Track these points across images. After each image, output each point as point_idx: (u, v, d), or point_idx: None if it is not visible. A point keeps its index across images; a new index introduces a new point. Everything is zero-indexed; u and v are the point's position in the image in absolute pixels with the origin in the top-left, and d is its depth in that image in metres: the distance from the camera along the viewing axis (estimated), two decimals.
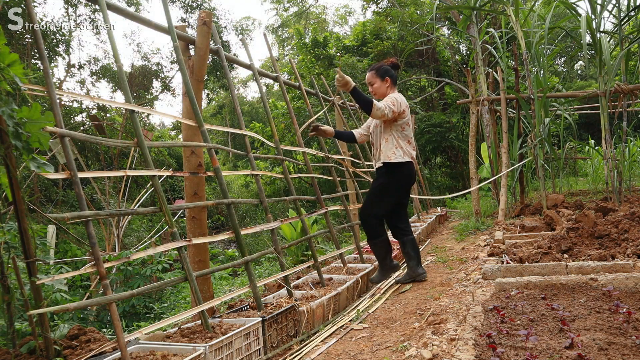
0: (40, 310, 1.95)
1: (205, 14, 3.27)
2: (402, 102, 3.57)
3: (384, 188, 3.62)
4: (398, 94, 3.62)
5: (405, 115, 3.60)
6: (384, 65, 3.69)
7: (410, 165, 3.63)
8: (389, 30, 14.17)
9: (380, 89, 3.66)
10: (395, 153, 3.57)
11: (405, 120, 3.61)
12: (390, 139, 3.61)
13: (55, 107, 2.03)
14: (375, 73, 3.67)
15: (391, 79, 3.67)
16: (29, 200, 8.53)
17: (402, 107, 3.57)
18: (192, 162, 3.23)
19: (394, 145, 3.58)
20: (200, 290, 2.86)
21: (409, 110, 3.69)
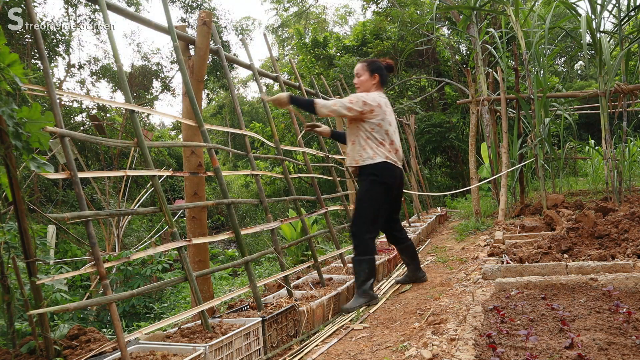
0: (40, 310, 1.95)
1: (205, 14, 3.27)
2: (369, 100, 3.29)
3: (365, 197, 3.34)
4: (374, 94, 3.38)
5: (375, 116, 3.30)
6: (378, 62, 3.53)
7: (386, 165, 3.32)
8: (389, 30, 14.17)
9: (365, 84, 3.46)
10: (363, 155, 3.31)
11: (375, 122, 3.31)
12: (357, 141, 3.36)
13: (55, 107, 2.03)
14: (366, 66, 3.49)
15: (380, 78, 3.47)
16: (29, 200, 8.53)
17: (369, 106, 3.27)
18: (192, 162, 3.23)
19: (361, 147, 3.33)
20: (200, 290, 2.86)
21: (389, 113, 3.41)
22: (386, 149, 3.33)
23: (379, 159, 3.29)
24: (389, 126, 3.38)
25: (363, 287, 3.29)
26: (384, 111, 3.35)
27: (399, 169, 3.44)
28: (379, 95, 3.39)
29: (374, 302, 3.31)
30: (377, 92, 3.43)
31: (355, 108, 3.25)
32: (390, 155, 3.34)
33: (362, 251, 3.30)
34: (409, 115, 10.31)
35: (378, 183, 3.30)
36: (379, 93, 3.42)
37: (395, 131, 3.46)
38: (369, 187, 3.32)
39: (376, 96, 3.35)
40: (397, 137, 3.47)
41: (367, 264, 3.29)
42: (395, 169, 3.38)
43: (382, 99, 3.39)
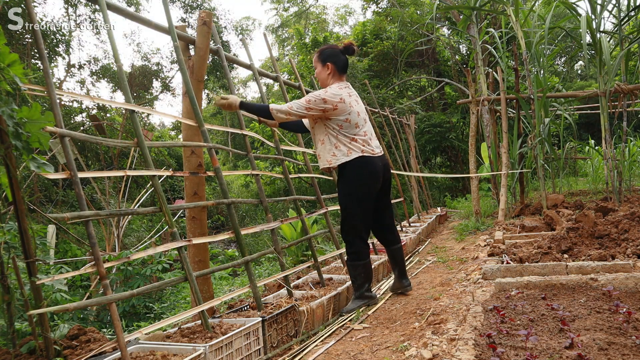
0: (40, 310, 1.95)
1: (205, 14, 3.27)
2: (329, 98, 2.98)
3: (346, 200, 3.13)
4: (333, 87, 3.07)
5: (341, 112, 3.02)
6: (330, 49, 3.17)
7: (364, 160, 3.06)
8: (389, 30, 14.18)
9: (320, 75, 3.18)
10: (336, 154, 3.06)
11: (342, 118, 3.03)
12: (326, 140, 3.10)
13: (55, 107, 2.03)
14: (318, 56, 3.18)
15: (334, 66, 3.12)
16: (29, 200, 8.53)
17: (330, 103, 2.98)
18: (192, 162, 3.23)
19: (332, 145, 3.07)
20: (200, 290, 2.86)
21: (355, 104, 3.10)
22: (360, 143, 3.07)
23: (354, 155, 3.04)
24: (357, 117, 3.08)
25: (360, 290, 3.23)
26: (348, 104, 3.04)
27: (380, 158, 3.15)
28: (339, 87, 3.08)
29: (372, 303, 3.26)
30: (337, 83, 3.12)
31: (315, 107, 2.99)
32: (365, 147, 3.08)
33: (355, 257, 3.18)
34: (409, 115, 10.31)
35: (357, 182, 3.07)
36: (338, 85, 3.11)
37: (367, 119, 3.18)
38: (347, 190, 3.11)
39: (335, 90, 3.04)
40: (369, 126, 3.20)
41: (363, 268, 3.19)
42: (374, 160, 3.10)
43: (343, 90, 3.07)
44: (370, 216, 3.21)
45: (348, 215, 3.14)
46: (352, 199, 3.11)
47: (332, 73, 3.14)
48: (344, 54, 3.18)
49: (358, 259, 3.18)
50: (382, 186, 3.23)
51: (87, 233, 2.03)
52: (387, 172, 3.26)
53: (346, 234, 3.19)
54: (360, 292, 3.22)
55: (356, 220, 3.14)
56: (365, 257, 3.20)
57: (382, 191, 3.27)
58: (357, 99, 3.18)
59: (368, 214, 3.18)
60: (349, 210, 3.13)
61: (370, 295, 3.28)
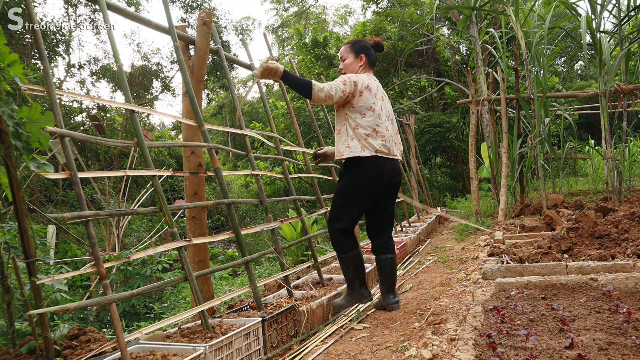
0: (40, 310, 1.95)
1: (205, 14, 3.27)
2: (360, 82, 2.93)
3: (342, 192, 2.98)
4: (363, 75, 3.01)
5: (365, 100, 2.93)
6: (364, 41, 3.13)
7: (375, 161, 2.91)
8: (389, 30, 14.18)
9: (351, 67, 3.08)
10: (350, 146, 2.91)
11: (366, 104, 2.92)
12: (343, 130, 2.97)
13: (55, 107, 2.03)
14: (350, 47, 3.10)
15: (367, 58, 3.08)
16: (29, 200, 8.53)
17: (359, 87, 2.91)
18: (192, 162, 3.23)
19: (349, 136, 2.93)
20: (200, 290, 2.86)
21: (381, 98, 3.03)
22: (378, 137, 2.93)
23: (367, 153, 2.89)
24: (380, 111, 2.98)
25: (352, 285, 3.06)
26: (373, 94, 2.97)
27: (391, 161, 2.99)
28: (369, 77, 3.03)
29: (365, 301, 3.08)
30: (366, 74, 3.06)
31: (347, 90, 2.88)
32: (381, 146, 2.93)
33: (339, 249, 3.01)
34: (409, 115, 10.32)
35: (360, 179, 2.92)
36: (368, 75, 3.05)
37: (390, 118, 3.08)
38: (347, 182, 2.96)
39: (365, 78, 2.98)
40: (392, 125, 3.09)
41: (350, 262, 3.01)
42: (385, 162, 2.95)
43: (372, 81, 3.02)
44: (360, 214, 3.05)
45: (335, 206, 3.00)
46: (346, 189, 2.96)
47: (364, 65, 3.07)
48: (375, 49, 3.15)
49: (343, 251, 3.00)
50: (388, 189, 3.06)
51: (87, 233, 2.03)
52: (397, 177, 3.08)
53: (329, 223, 3.04)
54: (352, 287, 3.06)
55: (343, 208, 2.97)
56: (349, 249, 3.00)
57: (388, 194, 3.09)
58: (385, 97, 3.11)
59: (359, 211, 3.02)
60: (339, 198, 2.99)
61: (362, 294, 3.06)
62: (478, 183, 6.97)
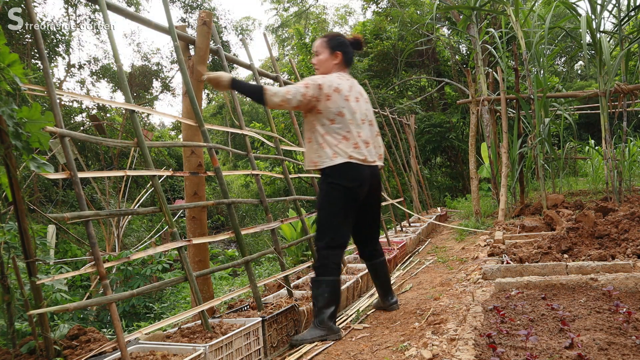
0: (40, 310, 1.95)
1: (205, 14, 3.27)
2: (326, 84, 2.67)
3: (324, 206, 2.76)
4: (332, 76, 2.77)
5: (333, 104, 2.68)
6: (342, 37, 2.89)
7: (350, 166, 2.70)
8: (389, 30, 14.18)
9: (324, 64, 2.85)
10: (321, 155, 2.70)
11: (334, 111, 2.68)
12: (314, 138, 2.75)
13: (55, 107, 2.03)
14: (326, 42, 2.86)
15: (343, 57, 2.85)
16: (29, 200, 8.53)
17: (325, 90, 2.66)
18: (192, 162, 3.23)
19: (319, 145, 2.71)
20: (200, 290, 2.86)
21: (354, 99, 2.79)
22: (350, 144, 2.71)
23: (339, 160, 2.68)
24: (352, 115, 2.74)
25: (320, 315, 2.66)
26: (344, 97, 2.72)
27: (369, 168, 2.80)
28: (339, 77, 2.79)
29: (332, 338, 2.63)
30: (338, 73, 2.84)
31: (310, 94, 2.64)
32: (354, 153, 2.71)
33: (320, 271, 2.71)
34: (409, 115, 10.32)
35: (338, 188, 2.71)
36: (339, 74, 2.82)
37: (367, 121, 2.85)
38: (326, 194, 2.76)
39: (334, 79, 2.74)
40: (369, 129, 2.86)
41: (328, 287, 2.69)
42: (362, 169, 2.75)
43: (343, 82, 2.77)
44: (348, 227, 2.83)
45: (321, 220, 2.78)
46: (327, 205, 2.75)
47: (339, 64, 2.85)
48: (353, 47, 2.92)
49: (323, 273, 2.70)
50: (369, 196, 2.88)
51: (87, 233, 2.03)
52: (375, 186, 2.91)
53: (318, 240, 2.79)
54: (320, 317, 2.66)
55: (329, 227, 2.75)
56: (332, 272, 2.70)
57: (369, 200, 2.90)
58: (360, 97, 2.86)
59: (346, 225, 2.79)
60: (321, 215, 2.78)
61: (332, 327, 2.66)
62: (478, 183, 6.97)
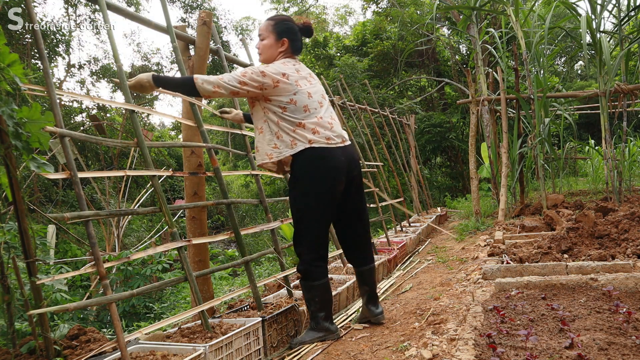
0: (40, 310, 1.95)
1: (205, 14, 3.27)
2: (270, 71, 2.41)
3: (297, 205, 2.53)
4: (278, 63, 2.50)
5: (283, 91, 2.43)
6: (290, 22, 2.59)
7: (314, 152, 2.43)
8: (389, 30, 14.18)
9: (268, 51, 2.56)
10: (278, 145, 2.44)
11: (285, 99, 2.44)
12: (265, 129, 2.48)
13: (55, 107, 2.03)
14: (273, 25, 2.56)
15: (290, 45, 2.56)
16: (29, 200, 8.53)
17: (272, 77, 2.40)
18: (192, 162, 3.23)
19: (274, 135, 2.45)
20: (200, 290, 2.86)
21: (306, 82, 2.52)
22: (308, 130, 2.44)
23: (300, 146, 2.43)
24: (307, 99, 2.48)
25: (316, 318, 2.61)
26: (294, 82, 2.46)
27: (339, 148, 2.51)
28: (284, 63, 2.51)
29: (330, 337, 2.59)
30: (283, 59, 2.56)
31: (251, 82, 2.38)
32: (315, 137, 2.44)
33: (306, 276, 2.56)
34: (409, 115, 10.32)
35: (310, 180, 2.46)
36: (284, 60, 2.54)
37: (324, 103, 2.58)
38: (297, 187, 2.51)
39: (279, 65, 2.48)
40: (329, 111, 2.58)
41: (318, 291, 2.57)
42: (333, 152, 2.47)
43: (288, 66, 2.50)
44: (327, 225, 2.60)
45: (299, 223, 2.55)
46: (303, 204, 2.50)
47: (286, 51, 2.57)
48: (302, 33, 2.62)
49: (310, 278, 2.54)
50: (349, 185, 2.59)
51: (87, 233, 2.03)
52: (355, 168, 2.61)
53: (297, 247, 2.58)
54: (316, 320, 2.61)
55: (309, 230, 2.52)
56: (318, 276, 2.54)
57: (350, 192, 2.62)
58: (311, 78, 2.59)
59: (325, 223, 2.56)
60: (300, 217, 2.54)
61: (329, 328, 2.61)
62: (478, 183, 6.97)
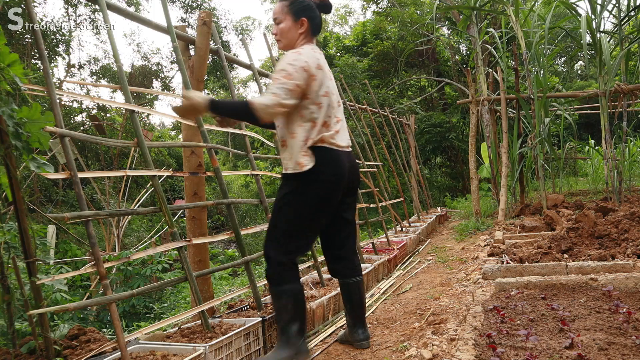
0: (40, 310, 1.95)
1: (205, 14, 3.27)
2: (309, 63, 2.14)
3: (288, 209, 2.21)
4: (306, 49, 2.21)
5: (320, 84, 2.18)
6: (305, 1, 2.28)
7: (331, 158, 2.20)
8: (389, 30, 14.18)
9: (288, 34, 2.27)
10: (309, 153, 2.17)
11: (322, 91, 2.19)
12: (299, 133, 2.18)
13: (55, 107, 2.03)
14: (287, 6, 2.27)
15: (310, 23, 2.27)
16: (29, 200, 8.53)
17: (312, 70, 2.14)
18: (192, 162, 3.23)
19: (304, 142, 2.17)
20: (200, 290, 2.86)
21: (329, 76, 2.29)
22: (331, 131, 2.22)
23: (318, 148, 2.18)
24: (333, 96, 2.26)
25: (287, 332, 2.19)
26: (324, 73, 2.23)
27: (347, 155, 2.29)
28: (314, 50, 2.25)
29: (302, 357, 2.20)
30: (309, 45, 2.28)
31: (300, 82, 2.10)
32: (334, 139, 2.21)
33: (276, 279, 2.20)
34: (409, 115, 10.32)
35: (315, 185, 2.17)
36: (312, 47, 2.27)
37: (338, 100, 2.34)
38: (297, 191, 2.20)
39: (311, 53, 2.20)
40: (341, 110, 2.36)
41: (290, 297, 2.20)
42: (340, 157, 2.23)
43: (320, 55, 2.26)
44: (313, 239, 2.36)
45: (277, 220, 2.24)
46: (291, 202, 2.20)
47: (306, 33, 2.28)
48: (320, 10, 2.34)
49: (278, 283, 2.20)
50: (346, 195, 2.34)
51: (87, 233, 2.03)
52: (354, 174, 2.37)
53: (268, 246, 2.25)
54: (287, 334, 2.20)
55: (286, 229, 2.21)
56: (290, 279, 2.21)
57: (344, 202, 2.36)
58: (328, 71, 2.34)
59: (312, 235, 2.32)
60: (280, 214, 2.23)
61: (301, 347, 2.20)
62: (478, 183, 6.97)
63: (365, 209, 4.85)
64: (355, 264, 2.48)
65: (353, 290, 2.46)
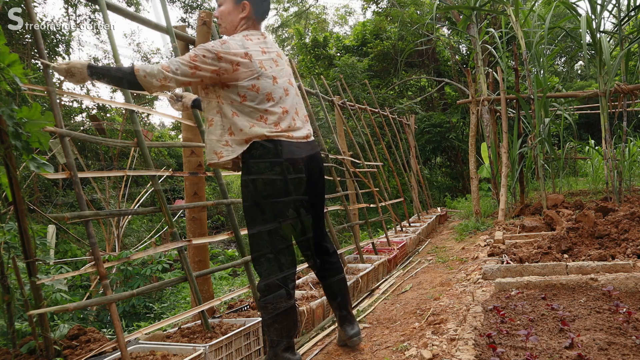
0: (40, 310, 1.95)
1: (205, 14, 3.27)
2: (226, 52, 1.97)
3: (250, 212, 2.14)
4: (238, 37, 2.07)
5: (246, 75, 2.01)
6: None
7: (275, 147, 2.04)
8: (389, 30, 14.18)
9: (228, 17, 2.15)
10: (230, 143, 2.04)
11: (246, 84, 2.01)
12: (217, 122, 2.06)
13: (55, 107, 2.03)
14: None
15: (252, 8, 2.13)
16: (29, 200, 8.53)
17: (229, 58, 1.97)
18: (192, 162, 3.23)
19: (225, 131, 2.04)
20: (200, 290, 2.86)
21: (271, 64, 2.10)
22: (270, 122, 2.05)
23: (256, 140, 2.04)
24: (272, 86, 2.07)
25: (276, 347, 2.11)
26: (258, 63, 2.04)
27: (301, 144, 2.15)
28: (247, 36, 2.09)
29: None
30: (246, 32, 2.13)
31: (204, 67, 1.96)
32: (275, 130, 2.05)
33: (267, 293, 2.09)
34: (409, 115, 10.32)
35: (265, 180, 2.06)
36: (246, 33, 2.12)
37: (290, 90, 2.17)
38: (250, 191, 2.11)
39: (239, 40, 2.05)
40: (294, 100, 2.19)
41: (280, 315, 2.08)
42: (292, 148, 2.09)
43: (252, 42, 2.08)
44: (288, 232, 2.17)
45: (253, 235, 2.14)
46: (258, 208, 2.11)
47: (248, 17, 2.14)
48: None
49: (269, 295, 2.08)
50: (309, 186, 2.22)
51: (87, 233, 2.03)
52: (316, 165, 2.24)
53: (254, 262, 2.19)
54: (275, 350, 2.12)
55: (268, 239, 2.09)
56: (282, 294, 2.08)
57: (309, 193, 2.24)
58: (279, 59, 2.18)
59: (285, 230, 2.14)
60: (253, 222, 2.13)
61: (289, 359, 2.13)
62: (478, 183, 6.97)
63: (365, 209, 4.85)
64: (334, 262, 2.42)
65: (336, 288, 2.42)
